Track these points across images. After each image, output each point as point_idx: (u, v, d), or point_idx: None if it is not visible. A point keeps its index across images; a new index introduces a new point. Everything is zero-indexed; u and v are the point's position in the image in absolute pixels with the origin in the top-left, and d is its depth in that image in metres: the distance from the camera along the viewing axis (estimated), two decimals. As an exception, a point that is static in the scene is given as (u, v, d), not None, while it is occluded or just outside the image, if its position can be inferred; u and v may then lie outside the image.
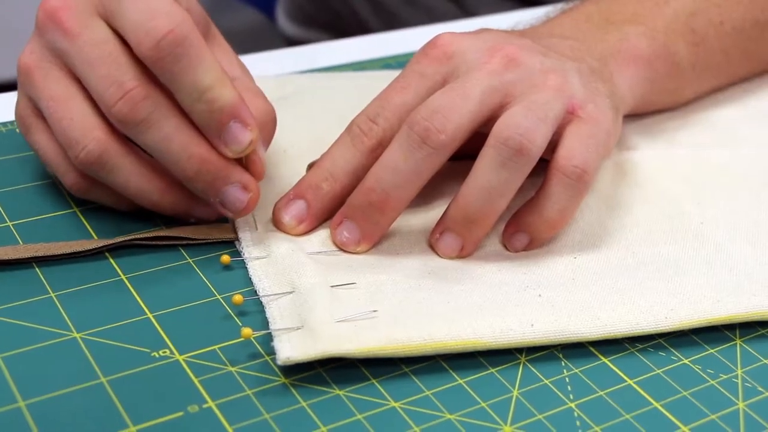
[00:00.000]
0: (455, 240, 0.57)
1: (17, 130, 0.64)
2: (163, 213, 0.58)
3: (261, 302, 0.54)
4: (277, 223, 0.58)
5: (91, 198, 0.58)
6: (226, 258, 0.56)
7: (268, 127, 0.58)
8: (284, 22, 1.16)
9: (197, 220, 0.58)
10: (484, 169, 0.55)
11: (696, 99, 0.71)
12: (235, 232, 0.58)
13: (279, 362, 0.49)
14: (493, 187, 0.55)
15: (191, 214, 0.58)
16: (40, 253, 0.55)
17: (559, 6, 0.70)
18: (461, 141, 0.55)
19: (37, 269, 0.55)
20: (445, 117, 0.55)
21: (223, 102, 0.53)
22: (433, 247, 0.57)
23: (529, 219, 0.57)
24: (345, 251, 0.57)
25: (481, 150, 0.55)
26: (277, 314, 0.52)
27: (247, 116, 0.54)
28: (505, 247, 0.58)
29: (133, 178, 0.56)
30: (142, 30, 0.53)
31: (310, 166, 0.59)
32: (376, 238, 0.57)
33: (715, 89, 0.72)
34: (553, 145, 0.57)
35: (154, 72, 0.54)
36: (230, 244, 0.58)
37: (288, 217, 0.57)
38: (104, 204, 0.59)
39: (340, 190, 0.57)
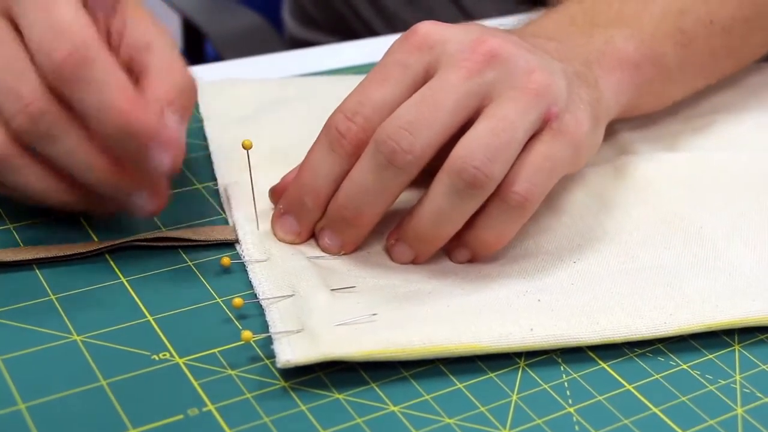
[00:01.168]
0: (408, 250, 0.56)
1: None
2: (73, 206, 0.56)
3: (261, 305, 0.54)
4: (274, 235, 0.58)
5: None
6: (226, 260, 0.56)
7: (185, 96, 0.55)
8: (291, 24, 1.15)
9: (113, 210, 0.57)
10: (437, 195, 0.54)
11: (681, 100, 0.70)
12: (236, 234, 0.58)
13: (279, 365, 0.49)
14: (445, 213, 0.54)
15: (101, 208, 0.56)
16: (41, 255, 0.55)
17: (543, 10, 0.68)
18: (432, 154, 0.54)
19: (37, 271, 0.55)
20: (412, 135, 0.53)
21: (138, 127, 0.51)
22: (387, 251, 0.57)
23: (467, 236, 0.56)
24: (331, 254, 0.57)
25: (437, 174, 0.54)
26: (277, 317, 0.52)
27: (165, 137, 0.52)
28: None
29: (35, 180, 0.54)
30: (45, 48, 0.51)
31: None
32: (355, 245, 0.57)
33: (700, 89, 0.71)
34: None
35: (60, 91, 0.51)
36: (230, 247, 0.58)
37: (282, 233, 0.57)
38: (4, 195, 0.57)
39: (325, 200, 0.56)
